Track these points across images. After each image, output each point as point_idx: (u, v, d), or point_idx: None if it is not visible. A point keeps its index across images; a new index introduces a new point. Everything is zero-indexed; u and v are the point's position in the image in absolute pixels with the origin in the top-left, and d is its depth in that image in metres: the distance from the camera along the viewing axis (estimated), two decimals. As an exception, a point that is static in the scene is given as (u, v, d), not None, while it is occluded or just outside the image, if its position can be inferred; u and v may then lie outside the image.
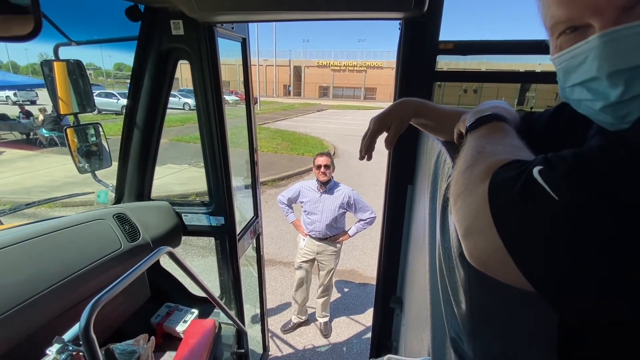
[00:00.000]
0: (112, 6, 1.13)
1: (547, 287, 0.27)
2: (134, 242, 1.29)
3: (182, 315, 1.49)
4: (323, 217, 2.60)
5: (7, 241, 1.02)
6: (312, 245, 2.71)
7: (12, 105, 15.39)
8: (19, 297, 0.93)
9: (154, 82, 1.29)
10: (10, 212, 1.35)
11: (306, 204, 2.66)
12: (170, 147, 9.37)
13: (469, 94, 5.01)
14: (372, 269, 3.89)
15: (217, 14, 1.07)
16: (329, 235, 2.66)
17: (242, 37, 1.43)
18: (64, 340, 0.92)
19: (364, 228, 2.68)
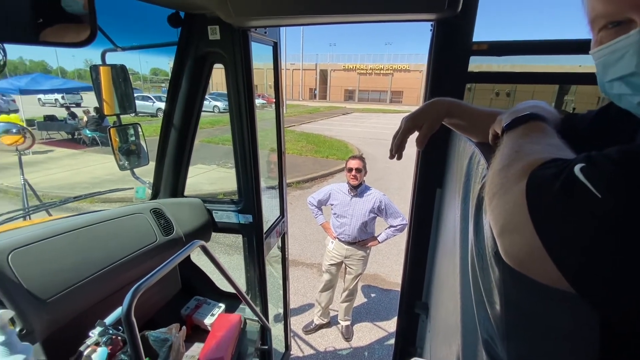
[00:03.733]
0: (154, 14, 1.21)
1: (588, 288, 0.26)
2: (168, 235, 1.37)
3: (210, 308, 1.54)
4: (353, 221, 2.58)
5: (56, 230, 1.10)
6: (340, 248, 2.69)
7: (59, 107, 16.64)
8: (66, 281, 1.01)
9: (191, 85, 1.36)
10: (59, 204, 1.47)
11: (336, 207, 2.65)
12: (200, 148, 9.74)
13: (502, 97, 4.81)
14: (396, 274, 3.82)
15: (251, 18, 1.11)
16: (358, 239, 2.62)
17: (274, 41, 1.47)
18: (105, 324, 0.99)
19: (393, 235, 2.63)
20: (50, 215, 1.94)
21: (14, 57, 50.87)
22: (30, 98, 12.45)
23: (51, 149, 9.51)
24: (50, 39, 0.79)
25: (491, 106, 1.11)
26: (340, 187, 2.69)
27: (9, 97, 12.12)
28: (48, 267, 1.00)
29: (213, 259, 1.06)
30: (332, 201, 2.69)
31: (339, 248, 2.70)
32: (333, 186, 2.74)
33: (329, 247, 2.79)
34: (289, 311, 2.27)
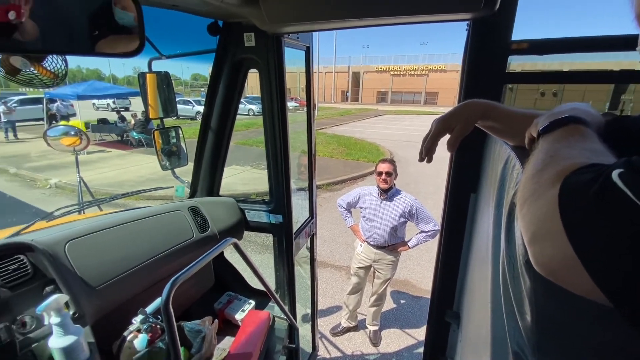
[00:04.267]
0: (195, 24, 1.29)
1: (624, 299, 0.25)
2: (203, 232, 1.44)
3: (241, 304, 1.60)
4: (382, 225, 2.54)
5: (106, 224, 1.21)
6: (369, 252, 2.66)
7: (111, 111, 18.07)
8: (114, 271, 1.10)
9: (227, 90, 1.43)
10: (109, 200, 1.61)
11: (365, 210, 2.62)
12: (235, 149, 10.12)
13: (548, 97, 4.45)
14: (427, 281, 3.71)
15: (285, 25, 1.14)
16: (387, 243, 2.59)
17: (307, 46, 1.51)
18: (146, 313, 1.06)
19: (425, 240, 2.56)
20: (101, 210, 2.12)
21: (73, 66, 56.03)
22: (86, 103, 13.66)
23: (103, 149, 10.36)
24: (104, 50, 0.86)
25: (536, 107, 1.05)
26: (370, 190, 2.66)
27: (68, 102, 13.36)
28: (99, 257, 1.09)
29: (245, 257, 1.10)
30: (361, 204, 2.67)
31: (368, 251, 2.67)
32: (363, 189, 2.71)
33: (357, 250, 2.76)
34: (317, 312, 2.28)
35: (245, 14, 1.14)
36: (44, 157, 9.08)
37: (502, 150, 0.66)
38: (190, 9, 1.12)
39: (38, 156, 9.27)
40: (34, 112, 13.64)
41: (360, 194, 2.68)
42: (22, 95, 16.68)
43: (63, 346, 0.88)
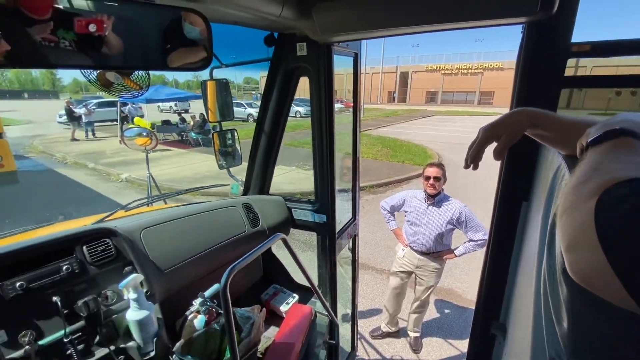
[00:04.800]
0: (250, 36, 1.40)
1: None
2: (255, 227, 1.56)
3: (285, 297, 1.69)
4: (428, 231, 2.46)
5: (172, 216, 1.37)
6: (412, 257, 2.60)
7: (173, 113, 19.77)
8: (179, 257, 1.25)
9: (280, 97, 1.53)
10: (175, 194, 1.81)
11: (410, 214, 2.55)
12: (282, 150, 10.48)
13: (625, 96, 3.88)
14: (473, 291, 3.53)
15: (335, 35, 1.20)
16: (432, 250, 2.50)
17: (355, 52, 1.55)
18: (205, 296, 1.19)
19: (473, 250, 2.43)
20: (166, 203, 2.37)
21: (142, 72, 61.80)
22: (152, 105, 15.12)
23: (166, 148, 11.39)
24: (175, 64, 0.99)
25: (609, 107, 0.98)
26: (416, 194, 2.59)
27: (138, 105, 14.93)
28: (167, 244, 1.25)
29: (292, 252, 1.18)
30: (406, 208, 2.60)
31: (411, 257, 2.61)
32: (408, 192, 2.65)
33: (399, 254, 2.70)
34: (357, 313, 2.31)
35: (299, 26, 1.22)
36: (117, 154, 10.28)
37: (554, 159, 0.65)
38: (250, 24, 1.23)
39: (112, 153, 10.52)
40: (109, 114, 15.46)
41: (405, 197, 2.62)
42: (100, 98, 19.02)
43: (138, 319, 1.03)
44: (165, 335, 1.13)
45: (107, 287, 1.10)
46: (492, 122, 0.65)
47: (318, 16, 1.13)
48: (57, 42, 0.76)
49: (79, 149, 11.16)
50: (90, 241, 1.09)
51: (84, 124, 13.39)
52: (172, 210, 1.48)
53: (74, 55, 0.79)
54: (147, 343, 1.05)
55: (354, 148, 1.86)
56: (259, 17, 1.10)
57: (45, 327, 0.95)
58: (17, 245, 0.97)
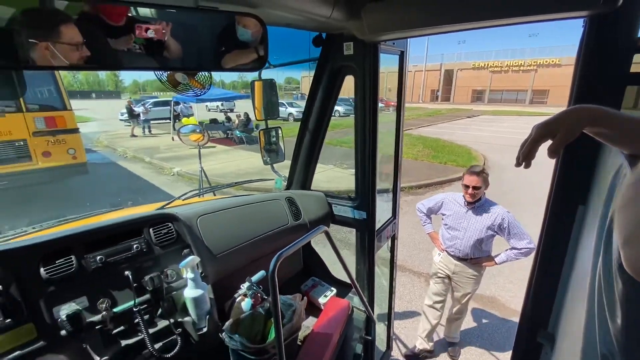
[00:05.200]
0: (296, 37, 1.46)
1: None
2: (297, 220, 1.63)
3: (324, 290, 1.75)
4: (466, 236, 2.35)
5: (223, 206, 1.48)
6: (448, 262, 2.50)
7: (219, 112, 20.84)
8: (229, 244, 1.36)
9: (325, 95, 1.58)
10: (225, 187, 1.94)
11: (448, 218, 2.45)
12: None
13: None
14: (518, 301, 3.33)
15: (383, 34, 1.22)
16: (470, 256, 2.38)
17: (401, 50, 1.56)
18: (252, 281, 1.28)
19: (516, 258, 2.29)
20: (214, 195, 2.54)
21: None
22: (200, 105, 16.08)
23: (212, 145, 12.09)
24: (229, 65, 1.07)
25: None
26: (455, 197, 2.47)
27: (189, 105, 15.96)
28: (219, 231, 1.36)
29: (334, 245, 1.22)
30: (444, 211, 2.50)
31: (447, 262, 2.51)
32: (447, 195, 2.53)
33: (435, 259, 2.61)
34: (393, 313, 2.30)
35: (347, 26, 1.25)
36: (170, 149, 11.11)
37: (615, 159, 0.62)
38: (301, 26, 1.29)
39: (165, 148, 11.39)
40: (163, 113, 16.68)
41: (443, 200, 2.51)
42: (155, 98, 20.61)
43: (194, 296, 1.14)
44: (216, 314, 1.24)
45: (169, 266, 1.22)
46: (547, 118, 0.63)
47: (367, 16, 1.16)
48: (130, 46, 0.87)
49: (137, 144, 12.22)
50: (155, 224, 1.22)
51: (141, 121, 14.63)
52: (222, 201, 1.60)
53: (143, 58, 0.90)
54: (201, 319, 1.16)
55: (396, 147, 1.85)
56: (309, 19, 1.15)
57: (119, 296, 1.09)
58: (98, 224, 1.12)
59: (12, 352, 0.90)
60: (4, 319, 0.89)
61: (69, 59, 0.75)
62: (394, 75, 1.70)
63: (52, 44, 0.72)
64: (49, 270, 0.98)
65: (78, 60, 0.77)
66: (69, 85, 13.29)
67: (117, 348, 1.04)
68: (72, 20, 0.75)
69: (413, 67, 44.76)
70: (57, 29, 0.73)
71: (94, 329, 1.01)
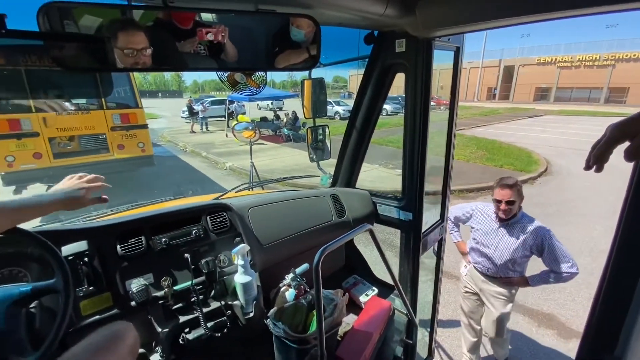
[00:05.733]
0: (346, 35, 1.47)
1: None
2: (340, 218, 1.65)
3: (365, 289, 1.74)
4: (496, 254, 2.10)
5: (271, 200, 1.55)
6: (475, 277, 2.29)
7: (269, 110, 21.65)
8: (276, 236, 1.42)
9: (374, 93, 1.58)
10: (274, 181, 2.03)
11: (477, 232, 2.21)
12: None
13: None
14: (580, 322, 2.99)
15: (438, 29, 1.18)
16: (499, 275, 2.14)
17: (457, 46, 1.49)
18: (296, 273, 1.33)
19: (554, 283, 2.02)
20: (263, 189, 2.66)
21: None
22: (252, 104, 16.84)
23: (262, 142, 12.62)
24: (281, 65, 1.12)
25: None
26: (487, 208, 2.20)
27: (241, 103, 16.82)
28: (267, 223, 1.43)
29: (378, 245, 1.22)
30: (472, 223, 2.26)
31: (474, 277, 2.29)
32: (478, 205, 2.28)
33: (462, 271, 2.40)
34: (437, 320, 2.22)
35: (400, 22, 1.24)
36: (224, 145, 11.85)
37: None
38: (353, 24, 1.30)
39: (220, 144, 12.17)
40: (219, 111, 17.81)
41: (474, 211, 2.26)
42: (212, 97, 22.04)
43: (243, 282, 1.21)
44: (262, 301, 1.31)
45: (222, 252, 1.32)
46: (625, 118, 0.57)
47: (421, 12, 1.13)
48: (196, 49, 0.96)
49: (196, 140, 13.20)
50: (212, 213, 1.33)
51: (200, 119, 15.78)
52: (271, 195, 1.68)
53: (206, 60, 0.98)
54: (248, 304, 1.24)
55: (448, 147, 1.78)
56: (362, 17, 1.16)
57: (179, 276, 1.21)
58: (164, 210, 1.25)
59: (93, 316, 1.05)
60: (88, 287, 1.04)
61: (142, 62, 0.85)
62: (447, 72, 1.63)
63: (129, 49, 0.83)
64: (124, 247, 1.12)
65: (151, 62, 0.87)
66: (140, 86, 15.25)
67: (175, 322, 1.15)
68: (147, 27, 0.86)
69: (468, 63, 42.11)
70: (134, 35, 0.83)
71: (158, 303, 1.13)
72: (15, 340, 0.75)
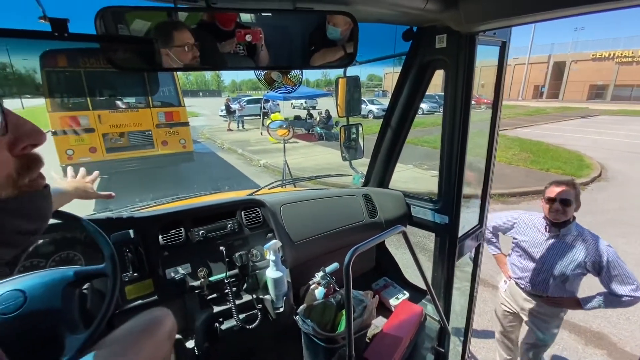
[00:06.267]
0: (385, 32, 1.44)
1: None
2: (372, 218, 1.62)
3: (396, 292, 1.70)
4: (544, 269, 1.83)
5: (303, 197, 1.56)
6: (516, 295, 2.02)
7: (302, 109, 21.89)
8: (307, 233, 1.43)
9: (411, 92, 1.53)
10: (306, 179, 2.05)
11: (521, 244, 1.95)
12: (400, 147, 10.36)
13: None
14: (636, 343, 2.70)
15: (482, 23, 1.12)
16: (546, 294, 1.86)
17: (502, 41, 1.40)
18: (326, 271, 1.33)
19: (613, 307, 1.74)
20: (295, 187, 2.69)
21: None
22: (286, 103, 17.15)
23: (295, 140, 12.80)
24: (317, 63, 1.12)
25: None
26: (533, 218, 1.94)
27: (276, 102, 17.18)
28: (298, 220, 1.44)
29: (411, 248, 1.18)
30: (515, 234, 2.00)
31: (515, 294, 2.02)
32: (521, 214, 2.01)
33: (501, 287, 2.15)
34: (471, 330, 2.11)
35: (442, 17, 1.18)
36: (259, 143, 12.20)
37: None
38: (392, 20, 1.27)
39: (255, 142, 12.54)
40: (254, 109, 18.31)
41: (516, 220, 2.00)
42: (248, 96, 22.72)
43: (274, 277, 1.23)
44: (292, 297, 1.32)
45: (254, 247, 1.35)
46: None
47: (465, 5, 1.08)
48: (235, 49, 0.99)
49: (232, 138, 13.71)
50: (246, 208, 1.37)
51: (237, 117, 16.35)
52: (303, 193, 1.69)
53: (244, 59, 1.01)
54: (279, 299, 1.26)
55: (489, 149, 1.68)
56: (402, 13, 1.12)
57: (214, 268, 1.26)
58: (203, 204, 1.30)
59: (136, 301, 1.12)
60: (133, 273, 1.11)
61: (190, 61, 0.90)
62: (489, 69, 1.54)
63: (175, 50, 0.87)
64: (165, 237, 1.18)
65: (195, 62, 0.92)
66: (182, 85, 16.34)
67: (210, 312, 1.20)
68: (192, 28, 0.90)
69: (513, 60, 39.54)
70: (180, 37, 0.88)
71: (194, 292, 1.18)
72: (69, 318, 0.82)
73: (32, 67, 0.99)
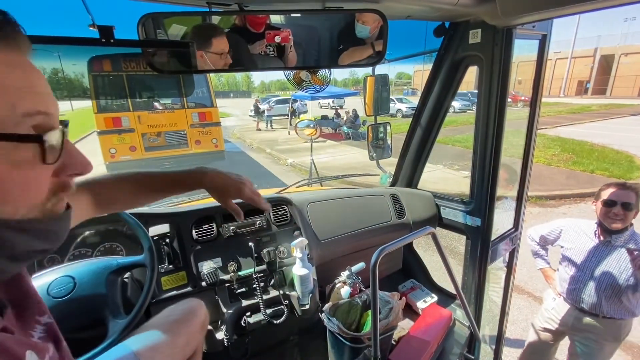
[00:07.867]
0: (415, 29, 1.40)
1: None
2: (400, 219, 1.59)
3: (423, 295, 1.66)
4: (597, 280, 1.67)
5: (330, 196, 1.56)
6: (564, 312, 1.83)
7: (330, 109, 21.94)
8: (333, 232, 1.43)
9: (442, 89, 1.48)
10: (332, 178, 2.05)
11: (569, 252, 1.80)
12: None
13: None
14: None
15: (522, 16, 1.06)
16: (601, 311, 1.69)
17: (543, 34, 1.32)
18: (352, 271, 1.33)
19: None
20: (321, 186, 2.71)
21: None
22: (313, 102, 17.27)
23: (322, 140, 12.87)
24: (345, 62, 1.11)
25: None
26: (581, 225, 1.80)
27: (304, 102, 17.35)
28: (325, 219, 1.45)
29: (440, 250, 1.14)
30: (563, 242, 1.85)
31: (563, 311, 1.84)
32: (568, 222, 1.87)
33: (547, 304, 1.97)
34: (503, 338, 2.01)
35: (476, 11, 1.14)
36: (286, 142, 12.40)
37: None
38: (423, 17, 1.24)
39: (282, 141, 12.76)
40: (282, 109, 18.63)
41: (563, 228, 1.87)
42: (277, 96, 23.14)
43: (301, 274, 1.25)
44: (317, 295, 1.33)
45: (282, 244, 1.38)
46: None
47: (502, -2, 1.03)
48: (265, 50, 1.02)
49: (261, 137, 14.05)
50: (274, 206, 1.39)
51: (265, 117, 16.70)
52: (329, 192, 1.70)
53: (274, 60, 1.03)
54: (305, 296, 1.27)
55: (526, 148, 1.60)
56: (433, 8, 1.10)
57: (243, 263, 1.30)
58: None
59: (171, 291, 1.18)
60: (168, 265, 1.18)
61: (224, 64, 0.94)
62: (526, 64, 1.46)
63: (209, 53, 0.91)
64: (198, 232, 1.24)
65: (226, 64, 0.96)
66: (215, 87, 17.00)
67: (238, 305, 1.24)
68: (225, 32, 0.94)
69: (554, 54, 37.02)
70: (217, 43, 0.92)
71: (224, 285, 1.23)
72: (113, 304, 0.89)
73: (80, 72, 1.08)
